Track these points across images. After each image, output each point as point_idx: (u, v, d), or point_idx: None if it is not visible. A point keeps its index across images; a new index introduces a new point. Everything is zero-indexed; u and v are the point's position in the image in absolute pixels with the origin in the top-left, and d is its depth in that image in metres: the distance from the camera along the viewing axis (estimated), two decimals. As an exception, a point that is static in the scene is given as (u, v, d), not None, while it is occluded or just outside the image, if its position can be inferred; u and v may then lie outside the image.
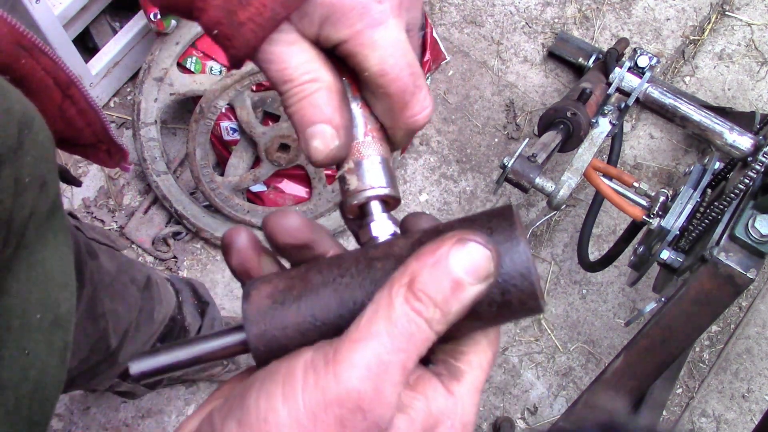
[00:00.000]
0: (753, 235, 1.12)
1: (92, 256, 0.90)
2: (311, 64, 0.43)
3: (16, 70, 0.51)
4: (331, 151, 0.44)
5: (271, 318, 0.39)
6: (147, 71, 1.59)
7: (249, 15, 0.41)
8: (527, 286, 0.38)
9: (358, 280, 0.39)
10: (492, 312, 0.38)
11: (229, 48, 0.43)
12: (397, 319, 0.34)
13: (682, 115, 1.26)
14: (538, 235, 1.89)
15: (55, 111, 0.56)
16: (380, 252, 0.40)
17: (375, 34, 0.43)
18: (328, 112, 0.44)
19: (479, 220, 0.40)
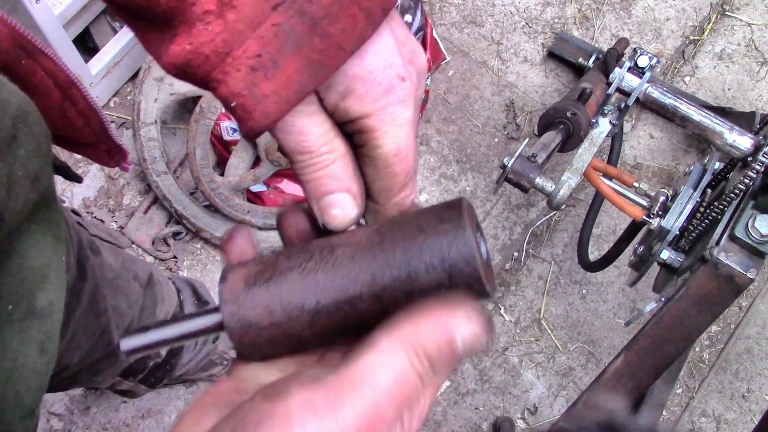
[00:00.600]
0: (753, 235, 1.12)
1: (95, 252, 0.90)
2: (328, 135, 0.44)
3: (16, 71, 0.51)
4: (352, 219, 0.45)
5: (243, 298, 0.43)
6: (147, 71, 1.59)
7: (274, 88, 0.40)
8: (471, 272, 0.41)
9: (321, 265, 0.43)
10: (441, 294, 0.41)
11: (247, 120, 0.42)
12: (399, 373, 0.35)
13: (682, 115, 1.26)
14: (538, 235, 1.89)
15: (55, 111, 0.56)
16: (342, 240, 0.44)
17: (396, 113, 0.43)
18: (346, 182, 0.45)
19: (433, 210, 0.44)
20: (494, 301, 1.83)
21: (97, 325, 0.92)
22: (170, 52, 0.41)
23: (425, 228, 0.43)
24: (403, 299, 0.42)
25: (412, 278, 0.42)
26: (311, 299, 0.42)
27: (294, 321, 0.43)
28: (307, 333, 0.43)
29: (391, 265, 0.42)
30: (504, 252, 1.84)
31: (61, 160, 0.68)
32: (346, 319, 0.43)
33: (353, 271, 0.42)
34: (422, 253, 0.42)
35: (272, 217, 1.69)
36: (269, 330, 0.43)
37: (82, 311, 0.86)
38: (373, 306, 0.42)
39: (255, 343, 0.43)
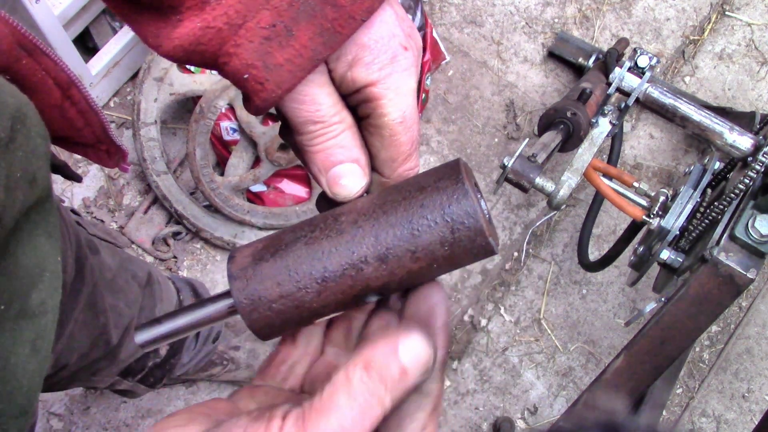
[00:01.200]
0: (753, 235, 1.12)
1: (93, 251, 0.90)
2: (338, 106, 0.45)
3: (17, 71, 0.51)
4: (361, 189, 0.46)
5: (251, 273, 0.43)
6: (147, 71, 1.59)
7: (288, 56, 0.41)
8: (473, 223, 0.42)
9: (326, 232, 0.43)
10: (445, 251, 0.43)
11: (259, 92, 0.42)
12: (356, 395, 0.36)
13: (682, 115, 1.26)
14: (538, 235, 1.89)
15: (55, 111, 0.56)
16: (345, 209, 0.45)
17: (400, 81, 0.45)
18: (355, 152, 0.46)
19: (430, 171, 0.45)
20: (494, 300, 1.83)
21: (95, 324, 0.93)
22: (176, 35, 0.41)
23: (425, 186, 0.44)
24: (408, 259, 0.43)
25: (415, 236, 0.42)
26: (318, 267, 0.43)
27: (302, 291, 0.43)
28: (315, 303, 0.43)
29: (393, 225, 0.43)
30: (504, 252, 1.84)
31: (61, 159, 0.68)
32: (353, 285, 0.43)
33: (357, 235, 0.43)
34: (423, 210, 0.43)
35: (272, 217, 1.69)
36: (279, 303, 0.43)
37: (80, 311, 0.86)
38: (379, 268, 0.43)
39: (266, 318, 0.44)
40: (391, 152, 0.47)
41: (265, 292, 0.43)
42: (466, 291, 1.79)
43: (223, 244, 1.72)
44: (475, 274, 1.80)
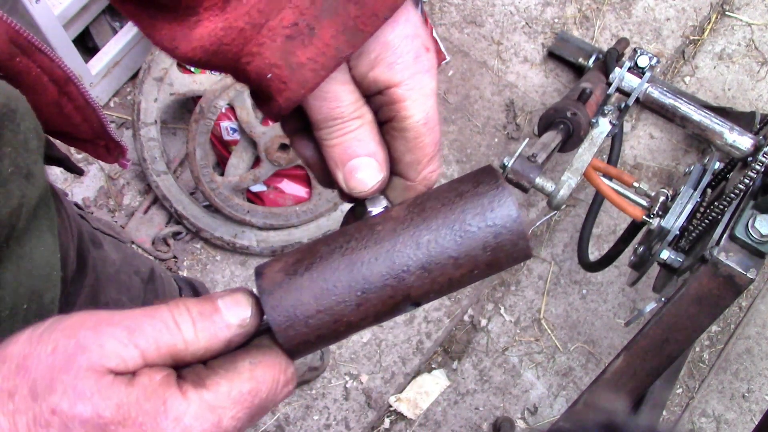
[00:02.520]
0: (753, 235, 1.12)
1: (96, 245, 0.90)
2: (359, 103, 0.44)
3: (11, 68, 0.51)
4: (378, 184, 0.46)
5: (286, 288, 0.42)
6: (147, 71, 1.59)
7: (311, 55, 0.41)
8: (516, 227, 0.42)
9: (363, 243, 0.42)
10: (487, 256, 0.42)
11: (283, 91, 0.42)
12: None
13: (682, 115, 1.26)
14: (538, 235, 1.89)
15: (52, 107, 0.56)
16: (379, 218, 0.44)
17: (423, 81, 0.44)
18: (372, 147, 0.45)
19: (466, 177, 0.44)
20: (494, 300, 1.83)
21: None
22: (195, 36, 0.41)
23: (463, 192, 0.43)
24: (450, 266, 0.42)
25: (458, 242, 0.42)
26: (358, 278, 0.41)
27: (342, 304, 0.42)
28: (354, 316, 0.42)
29: (434, 232, 0.42)
30: (504, 252, 1.84)
31: (62, 152, 0.68)
32: (394, 296, 0.42)
33: (397, 244, 0.42)
34: (465, 215, 0.42)
35: (272, 217, 1.69)
36: (316, 318, 0.42)
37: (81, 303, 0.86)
38: (421, 277, 0.42)
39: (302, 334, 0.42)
40: (416, 155, 0.46)
41: (302, 307, 0.41)
42: (466, 291, 1.79)
43: (223, 244, 1.72)
44: (475, 274, 1.80)
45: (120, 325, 0.38)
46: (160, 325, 0.39)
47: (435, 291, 0.43)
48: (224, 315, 0.41)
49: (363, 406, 1.68)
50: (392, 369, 1.71)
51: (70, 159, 0.69)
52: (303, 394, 1.67)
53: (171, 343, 0.39)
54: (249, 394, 0.40)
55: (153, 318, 0.39)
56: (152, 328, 0.39)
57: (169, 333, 0.39)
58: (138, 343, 0.38)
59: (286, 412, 1.66)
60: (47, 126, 0.55)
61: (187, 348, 0.40)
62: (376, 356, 1.72)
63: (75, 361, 0.37)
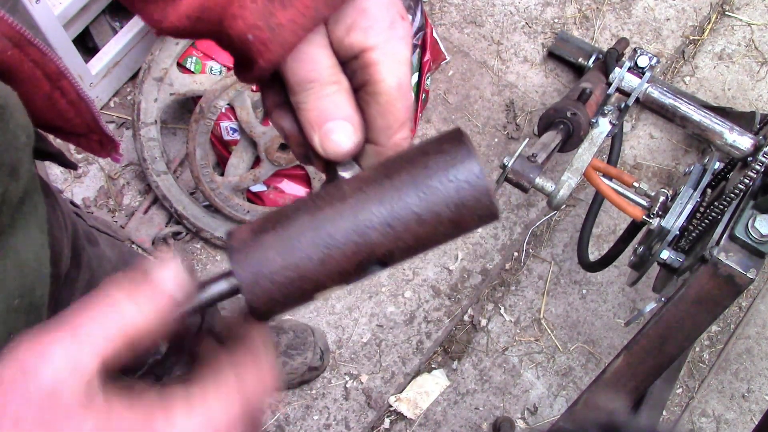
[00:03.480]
0: (753, 235, 1.12)
1: (92, 243, 0.90)
2: (335, 68, 0.45)
3: (3, 62, 0.51)
4: (352, 145, 0.46)
5: (252, 245, 0.42)
6: (147, 71, 1.59)
7: (290, 16, 0.42)
8: (478, 182, 0.43)
9: (328, 200, 0.43)
10: (451, 212, 0.43)
11: (263, 53, 0.43)
12: None
13: (682, 115, 1.26)
14: (538, 235, 1.89)
15: (44, 101, 0.56)
16: (348, 180, 0.45)
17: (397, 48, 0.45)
18: (348, 111, 0.46)
19: (433, 139, 0.45)
20: (494, 300, 1.83)
21: None
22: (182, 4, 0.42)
23: (428, 151, 0.44)
24: (414, 222, 0.43)
25: (420, 197, 0.42)
26: (321, 233, 0.42)
27: (306, 260, 0.42)
28: (319, 272, 0.43)
29: (397, 188, 0.43)
30: (504, 252, 1.84)
31: (55, 147, 0.68)
32: (357, 252, 0.43)
33: (361, 200, 0.43)
34: (427, 171, 0.43)
35: (272, 217, 1.69)
36: (281, 274, 0.42)
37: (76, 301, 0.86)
38: (384, 233, 0.43)
39: (268, 291, 0.42)
40: (387, 119, 0.47)
41: (266, 262, 0.42)
42: (466, 291, 1.79)
43: (223, 244, 1.72)
44: (475, 274, 1.80)
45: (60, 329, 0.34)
46: (100, 314, 0.35)
47: (400, 249, 0.43)
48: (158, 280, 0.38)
49: (363, 406, 1.68)
50: (392, 369, 1.71)
51: (63, 154, 0.69)
52: (303, 394, 1.67)
53: (121, 329, 0.35)
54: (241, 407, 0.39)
55: (89, 309, 0.35)
56: (93, 320, 0.35)
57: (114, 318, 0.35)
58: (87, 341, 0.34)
59: (286, 412, 1.66)
60: (40, 120, 0.55)
61: (138, 330, 0.36)
62: (376, 356, 1.72)
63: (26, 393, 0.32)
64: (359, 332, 1.73)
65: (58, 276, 0.78)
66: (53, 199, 0.73)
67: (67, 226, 0.80)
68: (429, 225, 0.43)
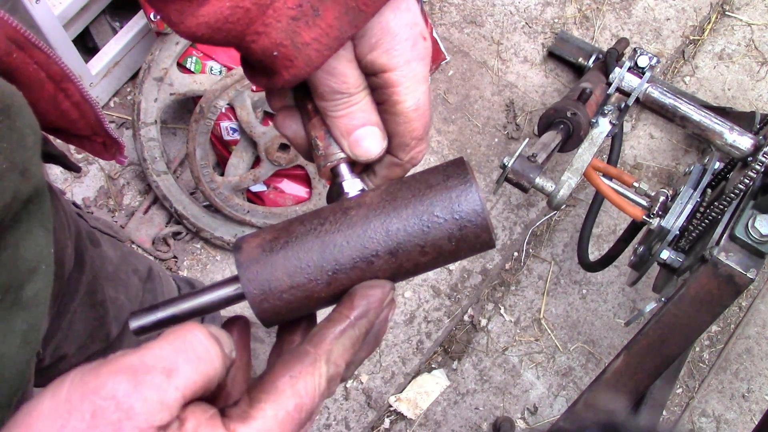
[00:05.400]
0: (753, 235, 1.12)
1: (94, 243, 0.90)
2: (361, 79, 0.47)
3: (7, 64, 0.51)
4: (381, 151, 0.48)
5: (263, 264, 0.44)
6: (147, 71, 1.59)
7: (315, 35, 0.42)
8: (480, 221, 0.45)
9: (336, 226, 0.45)
10: (452, 246, 0.45)
11: (289, 68, 0.43)
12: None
13: (682, 115, 1.26)
14: (538, 235, 1.89)
15: (49, 103, 0.56)
16: (353, 203, 0.47)
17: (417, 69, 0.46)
18: (375, 117, 0.48)
19: (437, 169, 0.47)
20: (494, 300, 1.83)
21: (94, 315, 0.92)
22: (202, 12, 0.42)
23: (433, 185, 0.46)
24: (417, 253, 0.45)
25: (425, 232, 0.45)
26: (329, 259, 0.44)
27: (313, 282, 0.44)
28: (324, 293, 0.45)
29: (403, 220, 0.45)
30: (504, 252, 1.84)
31: (58, 149, 0.68)
32: (362, 276, 0.45)
33: (368, 230, 0.45)
34: (433, 207, 0.45)
35: (272, 217, 1.69)
36: (289, 293, 0.44)
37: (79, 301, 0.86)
38: (389, 261, 0.45)
39: (275, 307, 0.45)
40: (404, 138, 0.48)
41: (276, 282, 0.44)
42: (466, 291, 1.79)
43: (223, 244, 1.72)
44: (475, 274, 1.80)
45: (156, 368, 0.35)
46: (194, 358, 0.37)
47: (401, 274, 0.46)
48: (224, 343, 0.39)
49: (363, 406, 1.68)
50: (392, 369, 1.71)
51: (67, 156, 0.69)
52: (303, 394, 1.67)
53: (205, 374, 0.37)
54: (295, 411, 0.39)
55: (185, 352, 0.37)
56: (187, 364, 0.37)
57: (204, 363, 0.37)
58: (178, 385, 0.36)
59: (286, 412, 1.66)
60: (44, 123, 0.55)
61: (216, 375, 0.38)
62: (376, 356, 1.72)
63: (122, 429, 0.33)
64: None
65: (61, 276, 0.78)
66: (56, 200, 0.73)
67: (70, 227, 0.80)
68: (430, 255, 0.45)
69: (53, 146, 0.67)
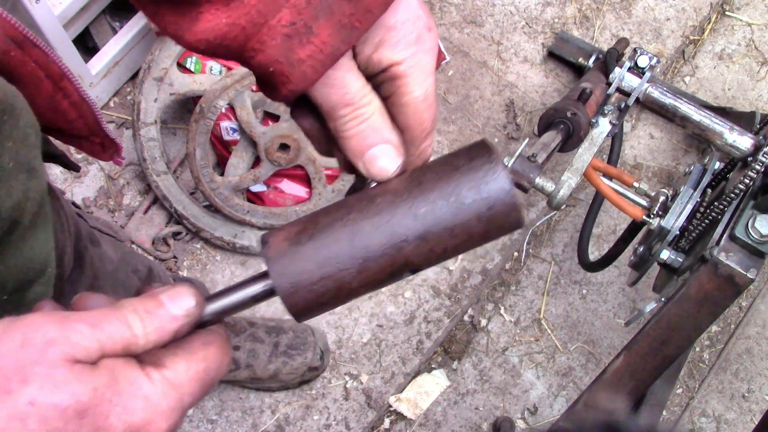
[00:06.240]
0: (753, 235, 1.12)
1: (94, 243, 0.90)
2: (366, 89, 0.46)
3: (6, 63, 0.51)
4: (397, 168, 0.48)
5: (291, 257, 0.44)
6: (147, 71, 1.59)
7: (309, 52, 0.43)
8: (510, 199, 0.44)
9: (363, 214, 0.44)
10: (481, 227, 0.45)
11: (286, 83, 0.44)
12: None
13: (682, 115, 1.26)
14: (538, 235, 1.89)
15: (47, 103, 0.57)
16: (378, 190, 0.46)
17: (424, 60, 0.46)
18: (387, 134, 0.47)
19: (460, 152, 0.47)
20: (494, 300, 1.83)
21: None
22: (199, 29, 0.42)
23: (459, 166, 0.45)
24: (447, 236, 0.44)
25: (454, 213, 0.44)
26: (359, 247, 0.44)
27: (343, 272, 0.44)
28: (355, 282, 0.44)
29: (431, 204, 0.44)
30: (504, 252, 1.84)
31: (59, 149, 0.68)
32: (393, 263, 0.44)
33: (396, 215, 0.44)
34: (460, 188, 0.44)
35: (272, 217, 1.69)
36: (320, 284, 0.44)
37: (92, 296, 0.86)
38: (418, 246, 0.44)
39: (306, 300, 0.44)
40: (414, 130, 0.48)
41: (306, 274, 0.44)
42: (466, 291, 1.79)
43: (223, 244, 1.72)
44: (475, 274, 1.80)
45: (81, 321, 0.40)
46: (116, 322, 0.41)
47: (432, 258, 0.46)
48: (168, 308, 0.43)
49: (363, 406, 1.68)
50: (392, 369, 1.71)
51: (67, 155, 0.69)
52: (303, 394, 1.67)
53: (125, 338, 0.42)
54: (204, 372, 0.43)
55: (107, 316, 0.42)
56: (109, 325, 0.41)
57: (123, 329, 0.42)
58: (99, 338, 0.40)
59: (286, 412, 1.66)
60: (42, 122, 0.56)
61: (137, 341, 0.42)
62: (376, 356, 1.72)
63: (46, 353, 0.38)
64: (359, 332, 1.73)
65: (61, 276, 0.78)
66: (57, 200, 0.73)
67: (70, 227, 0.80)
68: (460, 237, 0.45)
69: (53, 146, 0.67)
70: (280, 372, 1.56)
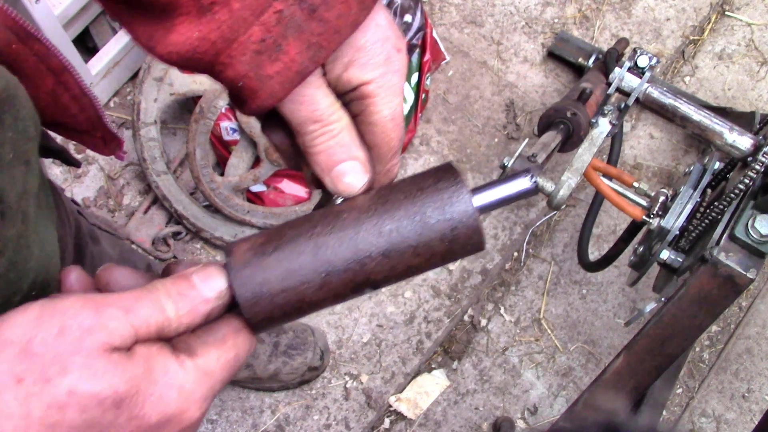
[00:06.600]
0: (753, 235, 1.12)
1: (94, 240, 0.91)
2: (335, 106, 0.47)
3: (7, 55, 0.51)
4: (364, 185, 0.49)
5: (254, 267, 0.44)
6: (147, 71, 1.59)
7: (278, 69, 0.43)
8: (472, 223, 0.46)
9: (328, 229, 0.45)
10: (444, 247, 0.46)
11: (254, 99, 0.44)
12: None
13: (682, 115, 1.26)
14: (538, 235, 1.89)
15: (48, 96, 0.57)
16: (345, 206, 0.47)
17: (393, 80, 0.47)
18: (354, 150, 0.48)
19: (427, 173, 0.48)
20: (494, 300, 1.83)
21: None
22: (171, 41, 0.43)
23: (425, 187, 0.46)
24: (409, 255, 0.45)
25: (418, 233, 0.45)
26: (322, 262, 0.44)
27: (305, 285, 0.44)
28: (316, 296, 0.45)
29: (396, 222, 0.45)
30: (504, 252, 1.84)
31: (59, 144, 0.68)
32: (354, 279, 0.45)
33: (361, 231, 0.45)
34: (425, 208, 0.45)
35: (272, 217, 1.69)
36: (281, 296, 0.44)
37: None
38: (381, 263, 0.45)
39: (266, 311, 0.45)
40: (381, 149, 0.49)
41: (268, 285, 0.44)
42: (466, 291, 1.79)
43: (223, 244, 1.72)
44: (475, 274, 1.80)
45: (116, 305, 0.41)
46: (149, 305, 0.42)
47: (394, 276, 0.46)
48: (200, 290, 0.44)
49: (363, 406, 1.68)
50: (392, 369, 1.71)
51: (67, 151, 0.69)
52: (303, 394, 1.67)
53: (159, 321, 0.42)
54: (234, 359, 0.44)
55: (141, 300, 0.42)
56: (143, 309, 0.42)
57: (157, 313, 0.42)
58: (133, 323, 0.41)
59: (286, 412, 1.66)
60: (43, 117, 0.56)
61: (170, 324, 0.43)
62: (376, 356, 1.72)
63: (84, 342, 0.39)
64: (359, 332, 1.73)
65: None
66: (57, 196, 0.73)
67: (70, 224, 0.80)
68: (423, 256, 0.46)
69: (53, 141, 0.67)
70: (280, 372, 1.56)
